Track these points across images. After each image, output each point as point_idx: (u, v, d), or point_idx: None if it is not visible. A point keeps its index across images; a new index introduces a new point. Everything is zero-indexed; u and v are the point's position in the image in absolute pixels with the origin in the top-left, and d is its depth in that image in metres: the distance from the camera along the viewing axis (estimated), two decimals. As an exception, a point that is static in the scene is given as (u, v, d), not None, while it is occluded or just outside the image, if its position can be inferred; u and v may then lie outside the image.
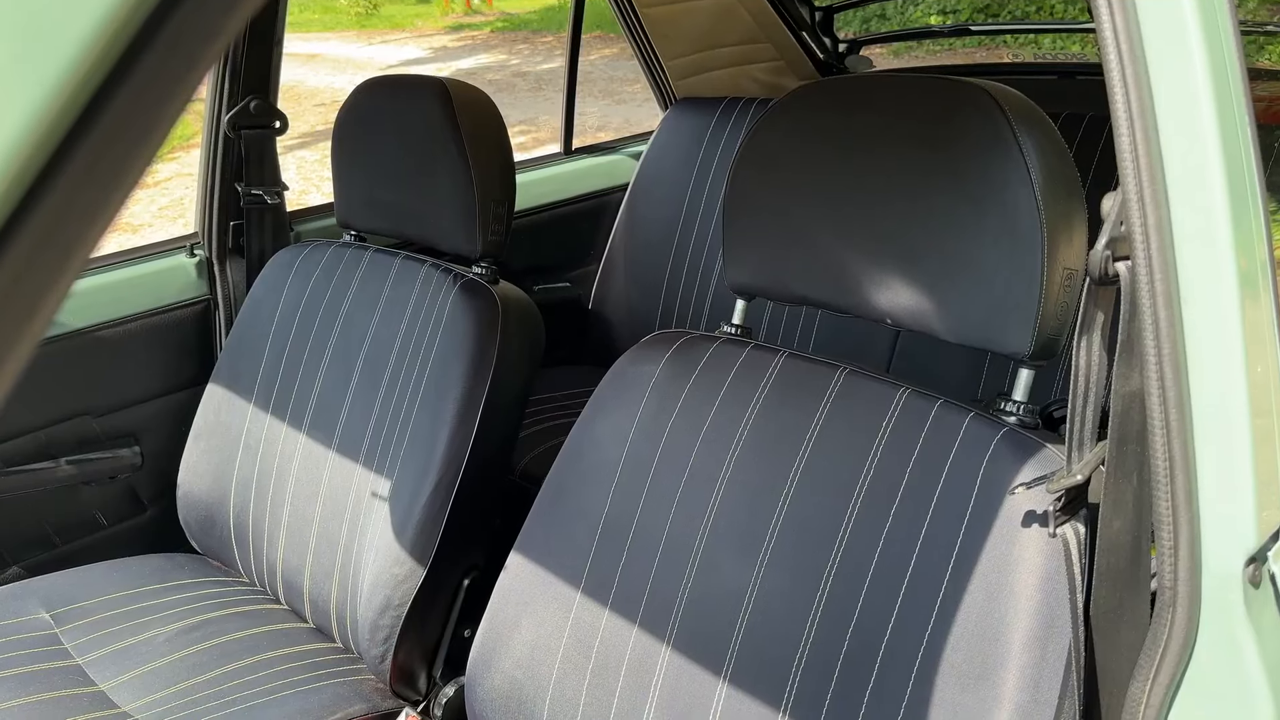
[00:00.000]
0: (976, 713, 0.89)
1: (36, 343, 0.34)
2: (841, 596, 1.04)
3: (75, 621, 1.56)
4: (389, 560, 1.49)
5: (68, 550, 1.86)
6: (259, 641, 1.56)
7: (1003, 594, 0.90)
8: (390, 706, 1.50)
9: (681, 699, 1.13)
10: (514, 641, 1.29)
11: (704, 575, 1.15)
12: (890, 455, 1.05)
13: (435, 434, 1.50)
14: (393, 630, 1.48)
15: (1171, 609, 0.73)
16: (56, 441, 1.82)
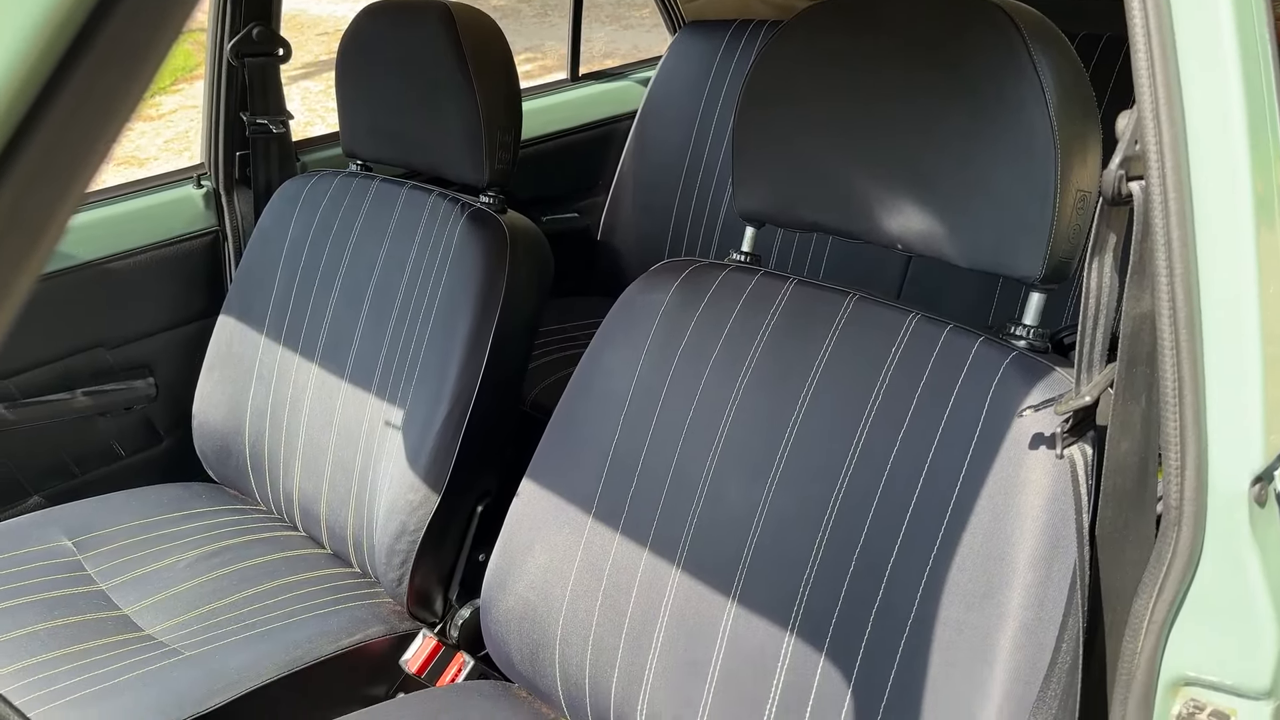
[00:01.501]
0: (981, 631, 0.91)
1: (38, 275, 0.34)
2: (848, 520, 1.05)
3: (97, 549, 1.59)
4: (403, 487, 1.51)
5: (87, 480, 1.89)
6: (277, 567, 1.59)
7: (1009, 515, 0.91)
8: (407, 628, 1.54)
9: (691, 620, 1.15)
10: (527, 565, 1.32)
11: (712, 500, 1.17)
12: (899, 380, 1.06)
13: (446, 363, 1.51)
14: (408, 555, 1.51)
15: (1177, 528, 0.74)
16: (72, 373, 1.84)
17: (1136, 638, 0.78)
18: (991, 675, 0.89)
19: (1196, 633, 0.76)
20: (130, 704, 1.25)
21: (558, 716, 1.33)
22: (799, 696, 1.04)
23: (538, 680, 1.32)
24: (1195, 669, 0.78)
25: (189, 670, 1.32)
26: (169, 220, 1.94)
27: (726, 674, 1.11)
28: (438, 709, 1.30)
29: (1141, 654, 0.78)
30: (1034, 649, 0.89)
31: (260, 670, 1.35)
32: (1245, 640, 0.74)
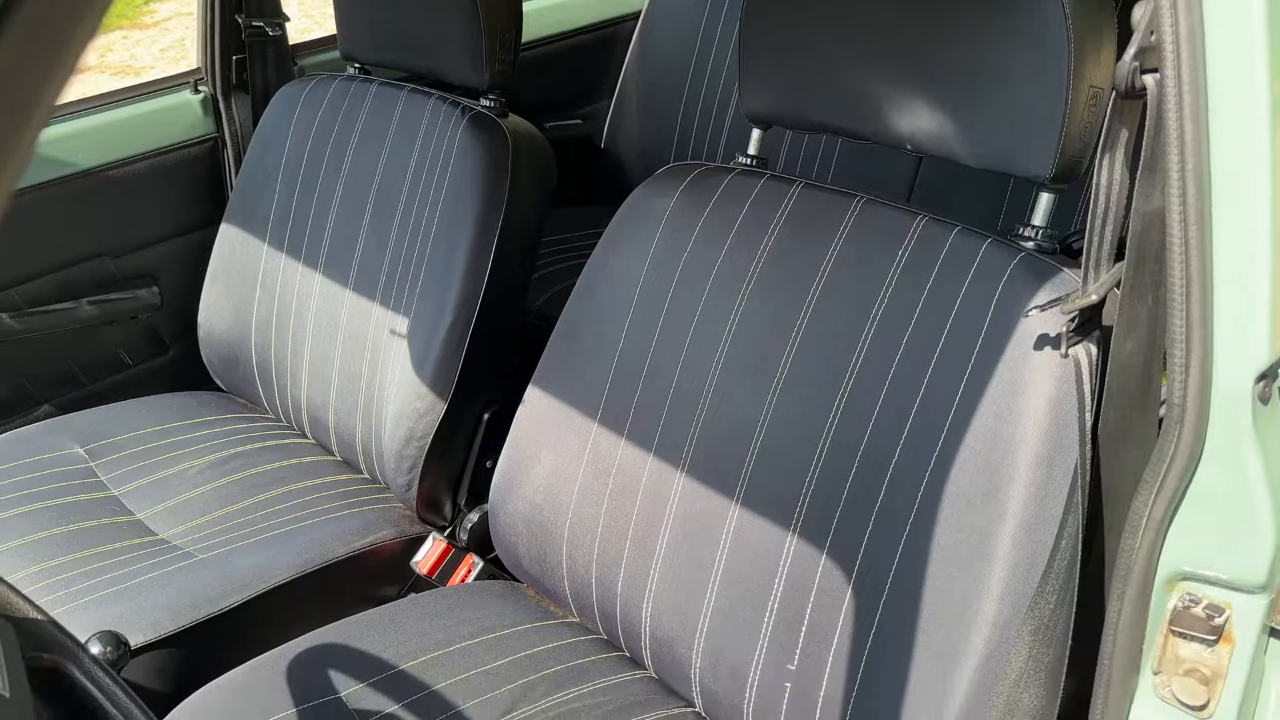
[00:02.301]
0: (981, 530, 0.92)
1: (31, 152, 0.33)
2: (852, 422, 1.06)
3: (108, 456, 1.61)
4: (410, 395, 1.51)
5: (96, 389, 1.90)
6: (288, 473, 1.62)
7: (1012, 416, 0.91)
8: (418, 531, 1.56)
9: (695, 521, 1.17)
10: (534, 470, 1.33)
11: (717, 405, 1.17)
12: (905, 283, 1.05)
13: (449, 270, 1.50)
14: (417, 460, 1.53)
15: (1179, 425, 0.74)
16: (76, 282, 1.84)
17: (1135, 534, 0.79)
18: (990, 572, 0.90)
19: (1195, 529, 0.77)
20: (147, 604, 1.28)
21: (565, 614, 1.36)
22: (800, 594, 1.06)
23: (545, 580, 1.34)
24: (1192, 564, 0.79)
25: (204, 572, 1.35)
26: (166, 127, 1.91)
27: (730, 573, 1.13)
28: (448, 607, 1.33)
29: (1140, 550, 0.79)
30: (1033, 547, 0.90)
31: (274, 571, 1.37)
32: (1243, 535, 0.75)
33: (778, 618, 1.08)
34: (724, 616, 1.13)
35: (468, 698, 1.18)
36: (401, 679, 1.19)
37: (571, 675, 1.24)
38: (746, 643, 1.11)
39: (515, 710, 1.17)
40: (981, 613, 0.90)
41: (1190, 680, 0.82)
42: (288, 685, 1.15)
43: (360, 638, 1.24)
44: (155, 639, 1.25)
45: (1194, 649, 0.81)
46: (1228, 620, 0.79)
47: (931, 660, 0.94)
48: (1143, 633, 0.82)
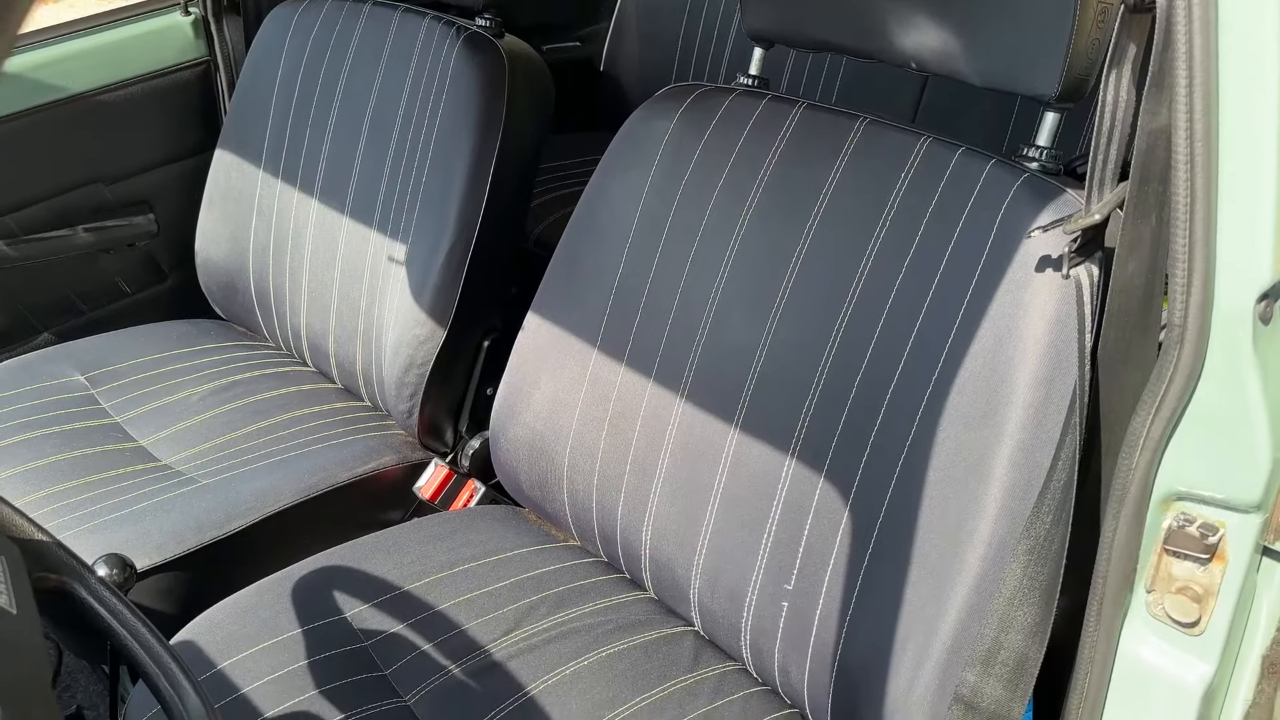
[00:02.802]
0: (979, 451, 0.92)
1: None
2: (851, 346, 1.05)
3: (109, 383, 1.61)
4: (410, 322, 1.51)
5: (95, 317, 1.90)
6: (289, 400, 1.62)
7: (1012, 337, 0.91)
8: (420, 458, 1.57)
9: (695, 446, 1.17)
10: (534, 396, 1.33)
11: (717, 330, 1.17)
12: (908, 205, 1.04)
13: (447, 196, 1.49)
14: (418, 387, 1.53)
15: (1179, 345, 0.73)
16: (71, 209, 1.82)
17: (1132, 454, 0.79)
18: (987, 492, 0.91)
19: (1191, 449, 0.77)
20: (152, 528, 1.29)
21: (566, 538, 1.38)
22: (798, 516, 1.07)
23: (546, 504, 1.35)
24: (1188, 484, 0.79)
25: (207, 497, 1.36)
26: (157, 50, 1.88)
27: (728, 496, 1.14)
28: (451, 530, 1.34)
29: (1136, 470, 0.79)
30: (1030, 468, 0.90)
31: (277, 496, 1.39)
32: (1239, 455, 0.75)
33: (775, 539, 1.09)
34: (723, 538, 1.14)
35: (471, 617, 1.20)
36: (405, 600, 1.21)
37: (573, 596, 1.26)
38: (745, 564, 1.12)
39: (518, 629, 1.19)
40: (977, 533, 0.91)
41: (1182, 598, 0.83)
42: (293, 607, 1.17)
43: (364, 560, 1.26)
44: (161, 562, 1.27)
45: (1187, 568, 0.82)
46: (1221, 539, 0.79)
47: (927, 579, 0.95)
48: (1137, 552, 0.83)
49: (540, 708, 1.09)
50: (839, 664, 1.02)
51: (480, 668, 1.13)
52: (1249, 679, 0.91)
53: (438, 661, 1.14)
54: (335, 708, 1.06)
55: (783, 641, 1.09)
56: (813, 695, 1.07)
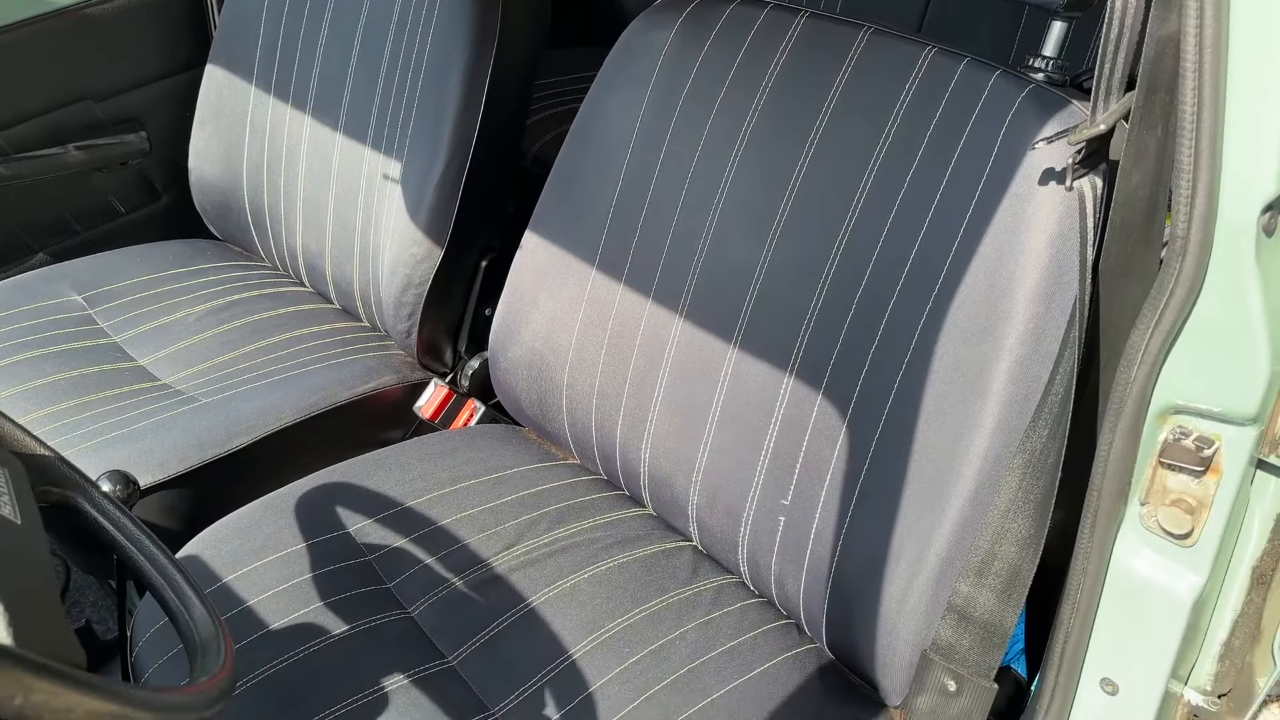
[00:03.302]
0: (977, 367, 0.92)
1: None
2: (852, 263, 1.05)
3: (106, 303, 1.61)
4: (406, 241, 1.50)
5: (90, 237, 1.89)
6: (287, 320, 1.62)
7: (1014, 251, 0.90)
8: (419, 378, 1.57)
9: (693, 365, 1.17)
10: (533, 316, 1.33)
11: (716, 248, 1.16)
12: (911, 118, 1.02)
13: (441, 112, 1.46)
14: (416, 307, 1.53)
15: (1181, 257, 0.73)
16: (62, 127, 1.80)
17: (1130, 367, 0.79)
18: (984, 407, 0.91)
19: (1190, 361, 0.77)
20: (154, 446, 1.30)
21: (566, 456, 1.39)
22: (795, 433, 1.08)
23: (546, 423, 1.36)
24: (1185, 397, 0.79)
25: (208, 415, 1.37)
26: None
27: (727, 415, 1.14)
28: (451, 448, 1.35)
29: (1134, 383, 0.79)
30: (1028, 382, 0.90)
31: (278, 415, 1.39)
32: (1238, 368, 0.75)
33: (773, 456, 1.10)
34: (721, 456, 1.15)
35: (472, 533, 1.21)
36: (407, 515, 1.22)
37: (573, 511, 1.27)
38: (742, 480, 1.13)
39: (518, 544, 1.21)
40: (973, 447, 0.92)
41: (1176, 510, 0.83)
42: (296, 522, 1.18)
43: (365, 477, 1.27)
44: (164, 479, 1.28)
45: (1181, 480, 0.83)
46: (1216, 452, 0.80)
47: (922, 493, 0.96)
48: (1132, 464, 0.83)
49: (541, 618, 1.11)
50: (834, 576, 1.04)
51: (482, 581, 1.15)
52: (1238, 590, 0.92)
53: (440, 575, 1.15)
54: (340, 619, 1.07)
55: (779, 555, 1.11)
56: (808, 606, 1.09)
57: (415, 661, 1.05)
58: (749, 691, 1.04)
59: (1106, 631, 0.92)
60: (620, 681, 1.04)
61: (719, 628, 1.12)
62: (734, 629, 1.12)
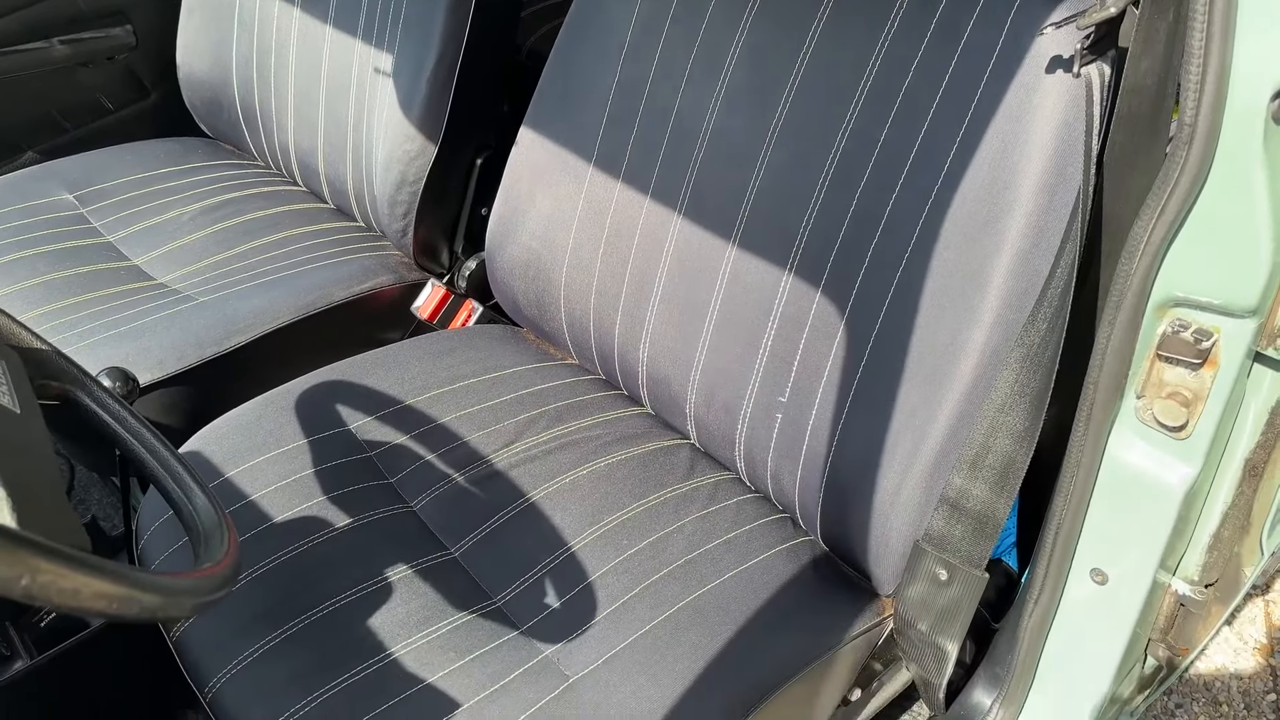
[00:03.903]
0: (978, 261, 0.92)
1: None
2: (853, 157, 1.03)
3: (98, 202, 1.59)
4: (399, 137, 1.48)
5: (79, 135, 1.86)
6: (282, 220, 1.60)
7: (1018, 142, 0.89)
8: (416, 278, 1.57)
9: (691, 262, 1.17)
10: (529, 215, 1.32)
11: (716, 141, 1.14)
12: (917, 5, 0.99)
13: (432, 3, 1.42)
14: (411, 205, 1.51)
15: (1188, 145, 0.72)
16: (45, 21, 1.75)
17: (1132, 259, 0.79)
18: (983, 302, 0.91)
19: (1192, 253, 0.77)
20: (152, 344, 1.30)
21: (564, 356, 1.39)
22: (794, 330, 1.08)
23: (544, 324, 1.36)
24: (1185, 289, 0.79)
25: (205, 314, 1.36)
26: None
27: (725, 313, 1.14)
28: (450, 348, 1.35)
29: (1135, 275, 0.79)
30: (1028, 277, 0.90)
31: (276, 314, 1.39)
32: (1240, 259, 0.75)
33: (771, 353, 1.10)
34: (719, 354, 1.15)
35: (472, 430, 1.22)
36: (407, 413, 1.23)
37: (571, 410, 1.28)
38: (740, 378, 1.13)
39: (518, 441, 1.21)
40: (971, 341, 0.92)
41: (1171, 403, 0.84)
42: (296, 419, 1.19)
43: (365, 375, 1.27)
44: (163, 377, 1.28)
45: (1178, 373, 0.83)
46: (1215, 345, 0.80)
47: (919, 388, 0.96)
48: (1130, 357, 0.83)
49: (541, 512, 1.12)
50: (829, 470, 1.05)
51: (482, 476, 1.16)
52: (1230, 482, 0.93)
53: (441, 471, 1.17)
54: (344, 513, 1.09)
55: (775, 451, 1.12)
56: (803, 500, 1.11)
57: (418, 553, 1.07)
58: (745, 581, 1.06)
59: (1098, 523, 0.93)
60: (619, 572, 1.06)
61: (715, 521, 1.14)
62: (730, 522, 1.14)
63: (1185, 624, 1.03)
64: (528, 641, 0.99)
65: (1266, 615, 1.74)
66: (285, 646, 0.96)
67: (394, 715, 0.90)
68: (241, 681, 0.94)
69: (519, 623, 1.01)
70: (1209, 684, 1.65)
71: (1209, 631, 1.30)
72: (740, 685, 0.97)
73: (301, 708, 0.91)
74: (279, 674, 0.94)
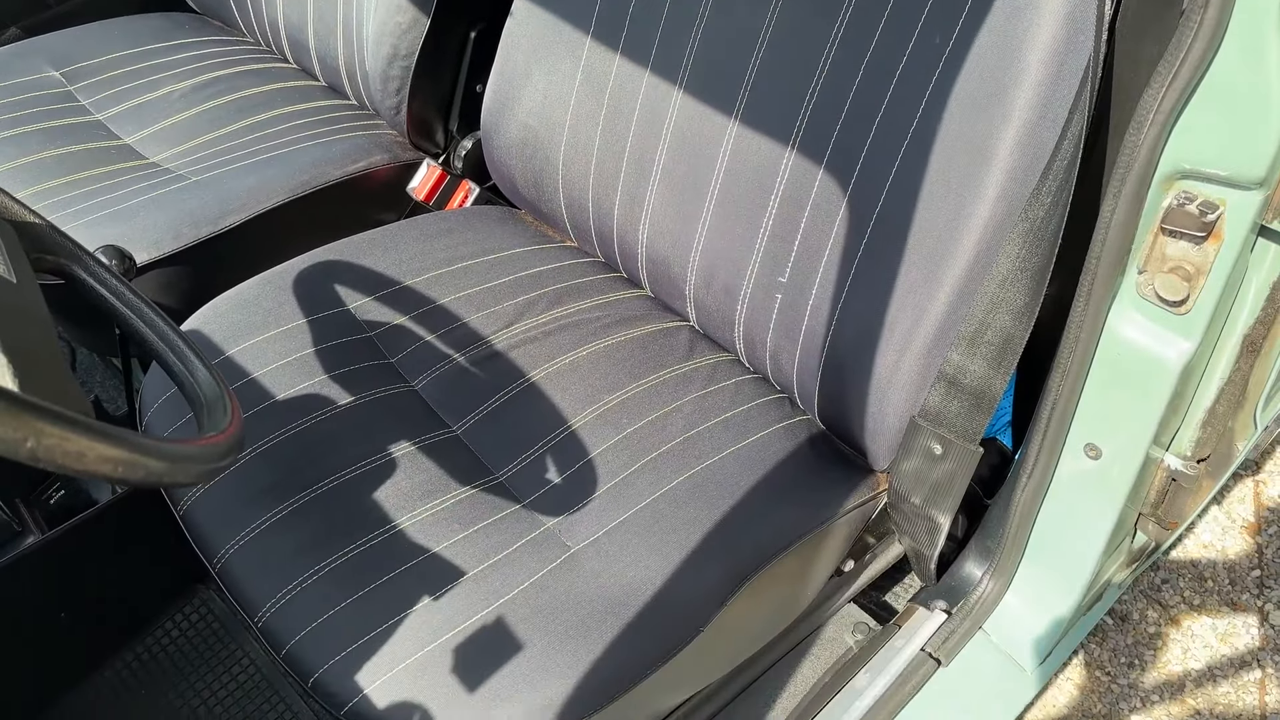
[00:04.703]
0: (982, 133, 0.90)
1: None
2: (858, 27, 1.00)
3: (86, 79, 1.55)
4: (390, 9, 1.43)
5: (63, 10, 1.80)
6: (273, 98, 1.57)
7: (1028, 10, 0.86)
8: (411, 158, 1.54)
9: (693, 140, 1.14)
10: (526, 92, 1.29)
11: (719, 11, 1.11)
12: None
13: None
14: (403, 81, 1.48)
15: (1203, 9, 0.69)
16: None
17: (1140, 129, 0.77)
18: (988, 176, 0.90)
19: (1202, 122, 0.75)
20: (147, 223, 1.29)
21: (563, 239, 1.38)
22: (795, 209, 1.06)
23: (542, 205, 1.34)
24: (1193, 160, 0.78)
25: (199, 194, 1.35)
26: None
27: (725, 192, 1.13)
28: (447, 229, 1.34)
29: (1142, 146, 0.78)
30: (1034, 150, 0.88)
31: (270, 193, 1.37)
32: (1250, 128, 0.73)
33: (771, 233, 1.09)
34: (719, 235, 1.14)
35: (471, 311, 1.22)
36: (406, 294, 1.23)
37: (571, 293, 1.28)
38: (740, 259, 1.13)
39: (517, 323, 1.21)
40: (974, 216, 0.91)
41: (1173, 277, 0.83)
42: (295, 298, 1.19)
43: (362, 255, 1.26)
44: (159, 256, 1.27)
45: (1181, 247, 0.82)
46: (1220, 217, 0.79)
47: (920, 265, 0.95)
48: (1133, 231, 0.82)
49: (542, 392, 1.13)
50: (828, 349, 1.05)
51: (482, 357, 1.17)
52: (1228, 357, 0.94)
53: (441, 351, 1.17)
54: (345, 391, 1.10)
55: (774, 332, 1.12)
56: (801, 380, 1.11)
57: (420, 430, 1.08)
58: (742, 457, 1.08)
59: (1094, 398, 0.94)
60: (618, 449, 1.08)
61: (714, 401, 1.15)
62: (729, 402, 1.15)
63: (1176, 498, 1.05)
64: (530, 515, 1.01)
65: (1256, 495, 1.78)
66: (292, 519, 0.97)
67: (400, 583, 0.93)
68: (249, 552, 0.96)
69: (521, 497, 1.03)
70: (1195, 561, 1.69)
71: (1198, 506, 1.33)
72: (737, 555, 0.99)
73: (309, 576, 0.93)
74: (286, 544, 0.96)
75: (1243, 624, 1.60)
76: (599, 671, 0.89)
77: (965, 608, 1.18)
